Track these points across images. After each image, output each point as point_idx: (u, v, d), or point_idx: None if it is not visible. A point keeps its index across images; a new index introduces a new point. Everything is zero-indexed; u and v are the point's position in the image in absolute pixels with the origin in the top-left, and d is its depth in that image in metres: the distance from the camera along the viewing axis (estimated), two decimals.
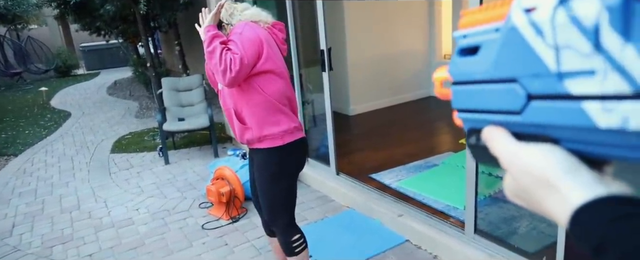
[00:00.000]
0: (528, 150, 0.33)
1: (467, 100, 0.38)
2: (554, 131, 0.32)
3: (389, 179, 3.26)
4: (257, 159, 1.93)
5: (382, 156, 3.81)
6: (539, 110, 0.32)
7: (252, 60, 1.72)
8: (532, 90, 0.31)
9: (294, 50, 3.50)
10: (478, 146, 0.38)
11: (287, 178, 1.93)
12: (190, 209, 3.36)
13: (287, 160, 1.90)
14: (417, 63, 5.72)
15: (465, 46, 0.37)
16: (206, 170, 4.10)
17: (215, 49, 1.70)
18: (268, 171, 1.89)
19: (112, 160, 4.79)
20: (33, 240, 3.09)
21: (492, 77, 0.34)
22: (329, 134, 3.28)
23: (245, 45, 1.71)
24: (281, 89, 1.83)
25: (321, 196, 3.36)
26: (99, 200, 3.71)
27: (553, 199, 0.31)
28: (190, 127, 4.49)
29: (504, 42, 0.33)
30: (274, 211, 1.94)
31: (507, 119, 0.34)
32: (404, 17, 5.44)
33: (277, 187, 1.91)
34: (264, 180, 1.90)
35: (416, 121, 4.93)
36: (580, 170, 0.31)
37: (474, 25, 0.36)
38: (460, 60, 0.38)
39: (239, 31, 1.75)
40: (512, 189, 0.36)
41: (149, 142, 5.32)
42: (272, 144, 1.84)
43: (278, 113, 1.83)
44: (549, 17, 0.29)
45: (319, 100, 3.72)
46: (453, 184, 3.05)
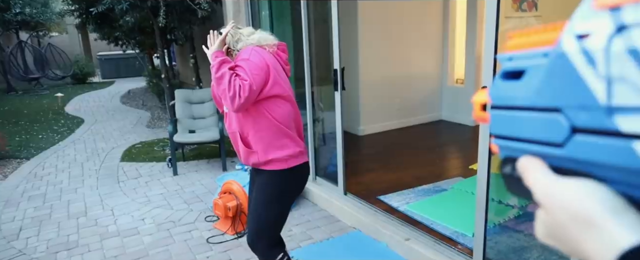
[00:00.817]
0: (569, 185, 0.31)
1: (506, 127, 0.36)
2: (598, 170, 0.29)
3: (397, 202, 3.23)
4: (259, 178, 1.94)
5: (390, 178, 3.78)
6: (583, 145, 0.29)
7: (260, 86, 1.75)
8: (578, 123, 0.29)
9: (307, 69, 3.52)
10: (512, 176, 0.36)
11: (283, 202, 1.93)
12: (195, 222, 3.35)
13: (289, 184, 1.91)
14: (428, 86, 5.72)
15: (510, 69, 0.35)
16: (213, 184, 4.10)
17: (224, 75, 1.72)
18: (267, 191, 1.90)
19: (121, 168, 4.82)
20: (39, 244, 3.10)
21: (534, 105, 0.32)
22: (339, 153, 3.27)
23: (253, 72, 1.73)
24: (288, 113, 1.85)
25: (327, 216, 3.33)
26: (106, 208, 3.72)
27: (594, 239, 0.28)
28: (201, 140, 4.51)
29: (552, 68, 0.31)
30: (259, 233, 1.93)
31: (547, 150, 0.32)
32: (417, 39, 5.47)
33: (270, 210, 1.91)
34: (261, 200, 1.91)
35: (426, 144, 4.90)
36: (629, 211, 0.28)
37: (521, 48, 0.34)
38: (503, 84, 0.36)
39: (246, 57, 1.78)
40: (546, 226, 0.33)
41: (158, 152, 5.35)
42: (277, 167, 1.85)
43: (284, 137, 1.84)
44: (603, 46, 0.27)
45: (329, 119, 3.72)
46: (462, 210, 3.00)
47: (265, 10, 4.32)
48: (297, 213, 3.38)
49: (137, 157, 5.22)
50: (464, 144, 4.88)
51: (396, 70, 5.39)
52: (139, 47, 8.02)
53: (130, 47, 8.38)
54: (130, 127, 6.94)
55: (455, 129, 5.47)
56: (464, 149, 4.68)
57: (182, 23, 5.55)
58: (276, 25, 4.27)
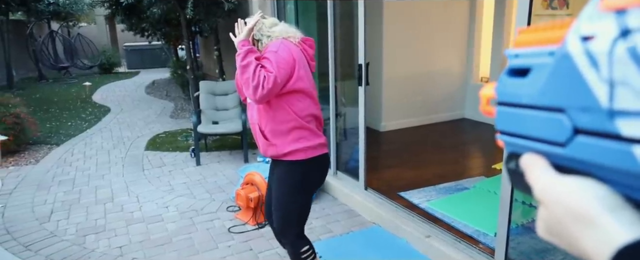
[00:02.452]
0: (567, 182, 0.31)
1: (511, 123, 0.36)
2: (598, 170, 0.30)
3: (418, 199, 3.22)
4: (278, 170, 1.96)
5: (411, 175, 3.77)
6: (584, 146, 0.30)
7: (284, 80, 1.76)
8: (580, 124, 0.29)
9: (331, 63, 3.53)
10: (516, 172, 0.36)
11: (305, 192, 1.95)
12: (217, 211, 3.41)
13: (308, 175, 1.92)
14: (452, 83, 5.65)
15: (516, 66, 0.35)
16: (235, 175, 4.16)
17: (249, 64, 1.73)
18: (288, 183, 1.91)
19: (146, 157, 4.93)
20: (68, 227, 3.21)
21: (538, 104, 0.33)
22: (361, 148, 3.27)
23: (280, 65, 1.74)
24: (308, 107, 1.86)
25: (348, 210, 3.34)
26: (131, 194, 3.82)
27: (591, 235, 0.29)
28: (224, 131, 4.58)
29: (556, 68, 0.31)
30: (286, 223, 1.96)
31: (549, 149, 0.33)
32: (442, 36, 5.40)
33: (293, 200, 1.93)
34: (282, 191, 1.93)
35: (448, 142, 4.86)
36: (625, 209, 0.29)
37: (529, 45, 0.34)
38: (509, 81, 0.36)
39: (275, 50, 1.79)
40: (545, 222, 0.33)
41: (182, 142, 5.46)
42: (295, 157, 1.87)
43: (303, 130, 1.86)
44: (606, 49, 0.27)
45: (351, 114, 3.72)
46: (484, 209, 2.98)
47: (291, 4, 4.34)
48: (318, 207, 3.41)
49: (161, 146, 5.34)
50: (488, 142, 4.81)
51: (420, 67, 5.35)
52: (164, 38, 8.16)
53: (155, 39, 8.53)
54: (155, 117, 7.09)
55: (478, 127, 5.40)
56: (488, 148, 4.62)
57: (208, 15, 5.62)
58: (301, 19, 4.28)
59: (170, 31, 7.24)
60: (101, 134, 6.10)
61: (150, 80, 11.64)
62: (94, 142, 5.67)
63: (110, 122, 6.86)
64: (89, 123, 6.80)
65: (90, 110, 7.86)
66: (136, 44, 14.60)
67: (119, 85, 11.11)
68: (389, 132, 5.31)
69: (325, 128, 4.06)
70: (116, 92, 9.92)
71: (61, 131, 6.25)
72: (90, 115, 7.37)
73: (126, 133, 6.08)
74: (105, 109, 7.90)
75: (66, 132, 6.23)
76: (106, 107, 8.06)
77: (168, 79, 11.12)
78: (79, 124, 6.71)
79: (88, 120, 6.98)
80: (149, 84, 11.08)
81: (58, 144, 5.57)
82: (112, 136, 5.94)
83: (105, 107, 8.07)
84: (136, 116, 7.22)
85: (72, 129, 6.38)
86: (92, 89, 10.17)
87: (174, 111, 7.54)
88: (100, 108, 8.04)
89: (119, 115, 7.38)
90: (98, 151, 5.22)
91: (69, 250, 2.87)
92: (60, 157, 5.01)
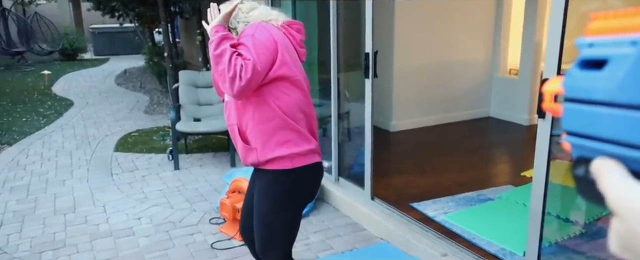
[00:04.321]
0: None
1: (581, 123, 0.37)
2: None
3: (433, 210, 3.23)
4: (260, 180, 1.92)
5: (426, 182, 3.78)
6: None
7: (266, 67, 1.71)
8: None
9: (333, 51, 3.54)
10: (585, 179, 0.37)
11: (292, 208, 1.92)
12: (199, 224, 3.42)
13: (296, 187, 1.88)
14: (476, 76, 5.66)
15: (590, 57, 0.36)
16: (220, 181, 4.17)
17: (224, 52, 1.69)
18: (271, 197, 1.87)
19: (115, 159, 4.94)
20: (21, 242, 3.21)
21: (616, 100, 0.33)
22: (367, 151, 3.29)
23: (258, 50, 1.70)
24: (296, 101, 1.81)
25: (351, 223, 3.35)
26: (97, 203, 3.83)
27: None
28: (207, 130, 4.59)
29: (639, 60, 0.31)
30: (269, 245, 1.92)
31: (627, 153, 0.33)
32: (464, 21, 5.41)
33: (278, 218, 1.89)
34: (265, 207, 1.89)
35: (471, 145, 4.87)
36: None
37: (605, 33, 0.35)
38: (581, 74, 0.36)
39: (251, 32, 1.75)
40: (620, 237, 0.34)
41: (157, 142, 5.47)
42: (279, 166, 1.82)
43: (289, 131, 1.80)
44: None
45: (356, 111, 3.73)
46: (511, 223, 2.99)
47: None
48: (316, 219, 3.42)
49: (133, 147, 5.35)
50: (516, 146, 4.82)
51: (437, 56, 5.35)
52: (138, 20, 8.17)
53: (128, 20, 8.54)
54: (126, 112, 7.10)
55: (506, 127, 5.41)
56: (516, 152, 4.63)
57: None
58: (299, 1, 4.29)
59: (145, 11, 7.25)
60: (62, 132, 6.10)
61: (121, 69, 11.65)
62: (53, 141, 5.67)
63: (73, 117, 6.87)
64: (48, 119, 6.80)
65: (49, 103, 7.86)
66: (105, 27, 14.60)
67: (84, 75, 11.11)
68: (400, 132, 5.33)
69: (325, 127, 4.09)
70: (81, 83, 9.93)
71: (14, 128, 6.26)
72: (49, 110, 7.37)
73: (92, 131, 6.09)
74: (67, 103, 7.90)
75: (20, 129, 6.23)
76: (68, 101, 8.06)
77: (142, 67, 11.12)
78: (36, 120, 6.72)
79: (47, 116, 6.98)
80: (119, 73, 11.09)
81: (10, 144, 5.57)
82: (75, 135, 5.94)
83: (68, 100, 8.07)
84: (104, 111, 7.23)
85: (28, 126, 6.39)
86: (52, 79, 10.18)
87: (149, 105, 7.56)
88: (61, 101, 8.04)
89: (84, 110, 7.38)
90: (58, 152, 5.22)
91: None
92: (12, 159, 5.01)
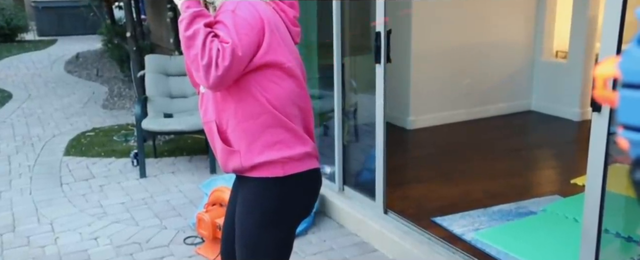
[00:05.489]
0: None
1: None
2: None
3: (460, 227, 3.25)
4: (243, 191, 1.91)
5: (452, 193, 3.80)
6: None
7: (249, 50, 1.68)
8: None
9: (336, 30, 3.55)
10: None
11: (283, 226, 1.91)
12: (170, 244, 3.43)
13: (288, 200, 1.87)
14: (514, 61, 5.68)
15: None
16: (197, 191, 4.19)
17: (196, 33, 1.65)
18: (257, 212, 1.86)
19: (65, 165, 4.95)
20: None
21: None
22: (379, 154, 3.31)
23: (239, 30, 1.66)
24: (288, 93, 1.79)
25: (359, 242, 3.38)
26: (43, 220, 3.84)
27: None
28: (181, 128, 4.60)
29: None
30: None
31: None
32: None
33: (264, 237, 1.87)
34: (249, 222, 1.88)
35: (507, 145, 4.89)
36: None
37: None
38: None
39: (231, 8, 1.71)
40: None
41: (119, 144, 5.49)
42: (268, 173, 1.80)
43: (281, 130, 1.79)
44: None
45: (365, 104, 3.75)
46: (558, 242, 3.01)
47: None
48: (316, 238, 3.44)
49: (88, 150, 5.36)
50: (565, 147, 4.83)
51: (466, 37, 5.36)
52: None
53: None
54: (79, 107, 7.11)
55: (551, 124, 5.43)
56: (564, 155, 4.64)
57: None
58: None
59: None
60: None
61: (72, 52, 11.66)
62: None
63: (11, 113, 6.88)
64: None
65: None
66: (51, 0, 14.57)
67: (24, 60, 11.11)
68: (419, 130, 5.35)
69: (327, 124, 4.11)
70: (21, 70, 9.94)
71: None
72: None
73: (36, 130, 6.10)
74: (4, 95, 7.92)
75: None
76: (6, 92, 8.08)
77: (99, 51, 11.12)
78: None
79: None
80: (70, 58, 11.09)
81: None
82: (14, 134, 5.96)
83: (5, 92, 8.09)
84: (51, 105, 7.24)
85: None
86: None
87: (109, 98, 7.57)
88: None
89: (26, 103, 7.40)
90: None
91: None
92: None
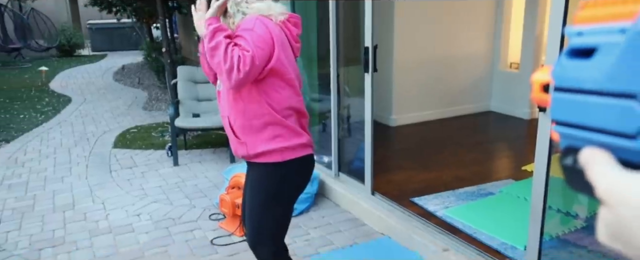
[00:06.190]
0: (636, 179, 0.32)
1: (570, 112, 0.37)
2: None
3: (434, 205, 3.23)
4: (252, 174, 1.96)
5: (427, 177, 3.78)
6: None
7: (263, 61, 1.73)
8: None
9: (332, 45, 3.52)
10: (574, 169, 0.37)
11: (283, 201, 1.95)
12: (198, 220, 3.41)
13: (287, 180, 1.91)
14: (477, 70, 5.65)
15: (579, 46, 0.36)
16: (220, 177, 4.17)
17: (219, 44, 1.69)
18: (261, 190, 1.91)
19: (114, 156, 4.93)
20: (20, 240, 3.21)
21: (605, 89, 0.33)
22: (367, 146, 3.28)
23: (257, 44, 1.71)
24: (286, 99, 1.84)
25: (352, 218, 3.35)
26: (96, 200, 3.82)
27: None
28: (206, 125, 4.58)
29: (628, 48, 0.31)
30: (259, 237, 1.96)
31: (615, 141, 0.33)
32: (464, 14, 5.40)
33: (269, 211, 1.92)
34: (256, 200, 1.93)
35: (471, 139, 4.87)
36: None
37: (594, 22, 0.35)
38: (569, 63, 0.36)
39: (250, 27, 1.75)
40: (608, 226, 0.34)
41: (156, 138, 5.46)
42: (270, 159, 1.86)
43: (279, 127, 1.84)
44: None
45: (356, 106, 3.72)
46: (512, 218, 2.99)
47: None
48: (317, 214, 3.42)
49: (132, 143, 5.34)
50: (517, 140, 4.82)
51: (438, 50, 5.34)
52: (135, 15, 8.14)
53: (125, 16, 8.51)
54: (125, 109, 7.09)
55: (506, 121, 5.41)
56: (517, 146, 4.63)
57: None
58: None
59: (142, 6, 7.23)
60: (60, 128, 6.09)
61: (119, 64, 11.63)
62: (51, 138, 5.66)
63: (71, 114, 6.86)
64: (46, 116, 6.78)
65: (47, 100, 7.85)
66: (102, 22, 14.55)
67: (81, 71, 11.09)
68: (400, 126, 5.33)
69: (325, 122, 4.08)
70: (78, 79, 9.91)
71: (12, 125, 6.24)
72: (47, 107, 7.35)
73: (90, 128, 6.08)
74: (65, 99, 7.88)
75: (18, 126, 6.21)
76: (66, 97, 8.05)
77: (140, 63, 11.11)
78: (34, 117, 6.70)
79: (44, 113, 6.97)
80: (117, 69, 11.07)
81: (8, 141, 5.56)
82: (73, 131, 5.93)
83: (66, 97, 8.05)
84: (102, 107, 7.22)
85: (25, 123, 6.37)
86: (50, 75, 10.16)
87: (148, 102, 7.55)
88: (59, 98, 8.03)
89: (82, 106, 7.37)
90: (56, 149, 5.21)
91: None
92: (10, 157, 5.00)
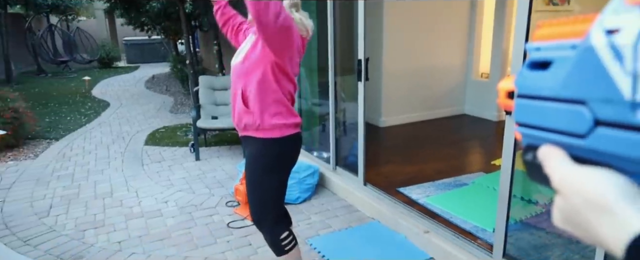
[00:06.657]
0: (585, 172, 0.32)
1: (530, 116, 0.37)
2: (617, 161, 0.30)
3: (416, 194, 3.23)
4: (250, 148, 1.89)
5: (411, 170, 3.78)
6: (604, 138, 0.30)
7: (294, 43, 1.77)
8: (601, 116, 0.30)
9: (330, 58, 3.53)
10: (533, 163, 0.37)
11: (281, 171, 1.90)
12: (217, 206, 3.42)
13: (284, 153, 1.88)
14: (453, 79, 5.65)
15: (537, 59, 0.36)
16: (234, 169, 4.17)
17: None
18: (261, 163, 1.86)
19: (145, 152, 4.95)
20: (67, 222, 3.23)
21: (560, 96, 0.33)
22: (360, 144, 3.28)
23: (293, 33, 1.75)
24: (288, 88, 1.87)
25: (346, 205, 3.36)
26: (130, 189, 3.84)
27: (608, 223, 0.29)
28: (223, 126, 4.58)
29: (579, 61, 0.31)
30: (263, 206, 1.89)
31: (568, 140, 0.33)
32: (443, 31, 5.39)
33: (268, 181, 1.87)
34: (256, 172, 1.87)
35: (448, 138, 4.86)
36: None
37: (550, 39, 0.35)
38: (529, 74, 0.36)
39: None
40: (562, 212, 0.34)
41: (181, 137, 5.47)
42: (269, 134, 1.83)
43: (281, 106, 1.84)
44: (632, 42, 0.28)
45: (350, 109, 3.73)
46: (483, 205, 2.99)
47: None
48: (317, 202, 3.42)
49: (160, 141, 5.35)
50: (487, 139, 4.82)
51: (420, 62, 5.34)
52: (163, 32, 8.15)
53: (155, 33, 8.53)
54: (154, 112, 7.10)
55: (478, 123, 5.40)
56: (487, 144, 4.63)
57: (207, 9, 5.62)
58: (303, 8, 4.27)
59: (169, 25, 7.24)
60: (100, 128, 6.11)
61: (149, 74, 11.63)
62: (93, 136, 5.68)
63: (109, 116, 6.87)
64: (88, 118, 6.80)
65: (89, 104, 7.87)
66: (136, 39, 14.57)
67: (118, 80, 11.10)
68: (388, 127, 5.32)
69: (324, 123, 4.08)
70: (115, 87, 9.92)
71: (60, 126, 6.26)
72: (89, 110, 7.37)
73: (125, 128, 6.09)
74: (104, 104, 7.90)
75: (65, 126, 6.23)
76: (105, 102, 8.06)
77: (168, 73, 11.11)
78: (78, 119, 6.72)
79: (87, 115, 6.98)
80: (148, 78, 11.07)
81: (57, 139, 5.58)
82: (111, 131, 5.95)
83: (105, 102, 8.07)
84: (135, 111, 7.23)
85: (71, 124, 6.39)
86: (92, 84, 10.17)
87: (174, 106, 7.55)
88: (99, 102, 8.04)
89: (119, 109, 7.38)
90: (97, 146, 5.23)
91: (68, 245, 2.89)
92: (59, 152, 5.02)
